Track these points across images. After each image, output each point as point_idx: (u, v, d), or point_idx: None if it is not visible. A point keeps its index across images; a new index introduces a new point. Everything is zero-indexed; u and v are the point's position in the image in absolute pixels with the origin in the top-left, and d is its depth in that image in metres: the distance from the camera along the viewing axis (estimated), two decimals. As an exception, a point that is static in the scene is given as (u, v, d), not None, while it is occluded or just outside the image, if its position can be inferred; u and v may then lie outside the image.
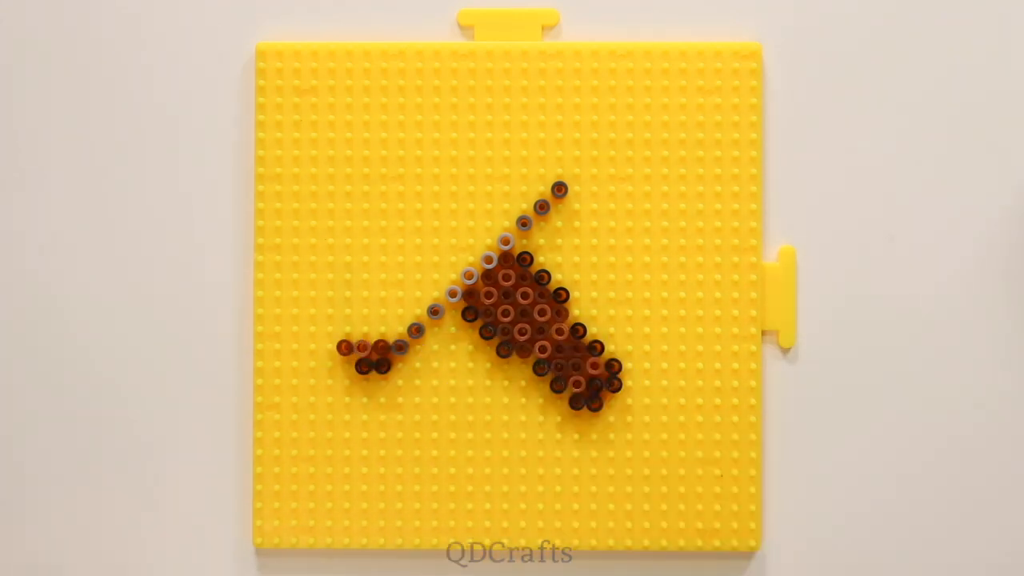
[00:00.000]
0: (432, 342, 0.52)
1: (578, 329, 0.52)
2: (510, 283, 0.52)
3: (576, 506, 0.52)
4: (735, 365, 0.52)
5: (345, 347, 0.52)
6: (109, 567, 0.53)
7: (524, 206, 0.52)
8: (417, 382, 0.52)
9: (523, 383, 0.52)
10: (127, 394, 0.53)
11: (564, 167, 0.52)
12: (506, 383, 0.52)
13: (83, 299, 0.53)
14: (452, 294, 0.52)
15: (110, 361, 0.53)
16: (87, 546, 0.53)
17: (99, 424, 0.53)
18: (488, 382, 0.52)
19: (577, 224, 0.52)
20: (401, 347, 0.52)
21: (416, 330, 0.52)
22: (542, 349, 0.52)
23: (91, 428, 0.53)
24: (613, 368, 0.52)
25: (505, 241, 0.52)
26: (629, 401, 0.52)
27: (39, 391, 0.53)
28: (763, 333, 0.53)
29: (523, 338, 0.52)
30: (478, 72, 0.53)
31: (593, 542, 0.52)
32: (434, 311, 0.52)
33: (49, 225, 0.53)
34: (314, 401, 0.52)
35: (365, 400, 0.52)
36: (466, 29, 0.54)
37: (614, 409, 0.52)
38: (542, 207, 0.52)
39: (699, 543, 0.52)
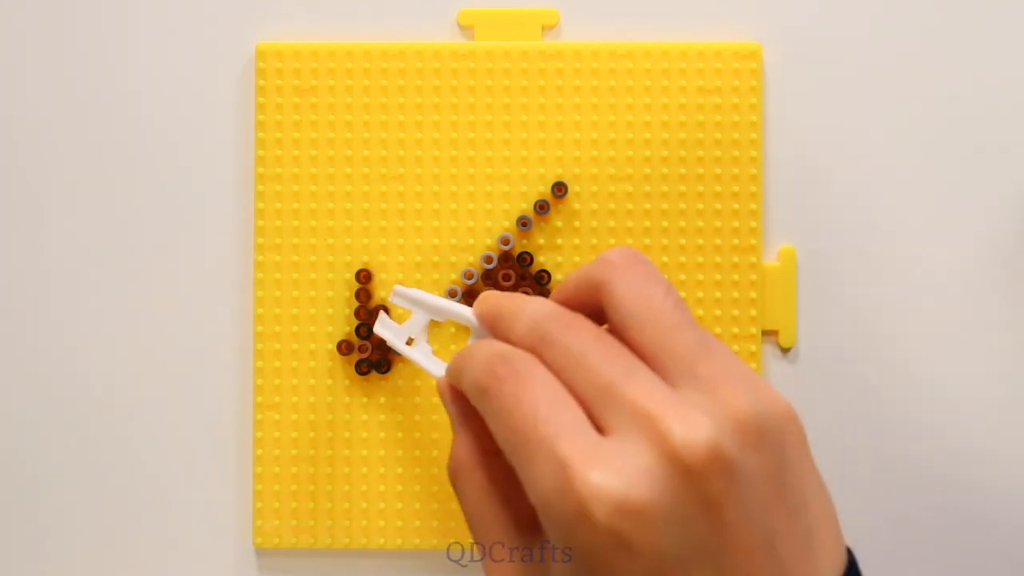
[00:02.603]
0: (432, 342, 0.52)
1: (578, 329, 0.52)
2: (510, 283, 0.52)
3: (576, 506, 0.52)
4: (735, 365, 0.52)
5: (345, 347, 0.52)
6: (109, 566, 0.53)
7: (524, 206, 0.52)
8: (417, 382, 0.52)
9: (523, 383, 0.52)
10: (127, 394, 0.53)
11: (564, 167, 0.52)
12: (506, 383, 0.52)
13: (83, 299, 0.53)
14: (452, 294, 0.52)
15: (110, 361, 0.53)
16: (87, 546, 0.53)
17: (98, 425, 0.53)
18: (488, 382, 0.52)
19: (577, 224, 0.52)
20: (401, 347, 0.52)
21: (416, 330, 0.52)
22: (542, 349, 0.52)
23: (90, 429, 0.53)
24: (613, 368, 0.52)
25: (505, 241, 0.52)
26: (629, 401, 0.52)
27: (38, 390, 0.53)
28: (763, 333, 0.53)
29: (523, 338, 0.52)
30: (478, 72, 0.52)
31: (593, 542, 0.52)
32: (434, 311, 0.52)
33: (48, 225, 0.53)
34: (314, 401, 0.52)
35: (365, 400, 0.52)
36: (466, 29, 0.54)
37: (614, 409, 0.52)
38: (542, 207, 0.52)
39: (699, 543, 0.52)
